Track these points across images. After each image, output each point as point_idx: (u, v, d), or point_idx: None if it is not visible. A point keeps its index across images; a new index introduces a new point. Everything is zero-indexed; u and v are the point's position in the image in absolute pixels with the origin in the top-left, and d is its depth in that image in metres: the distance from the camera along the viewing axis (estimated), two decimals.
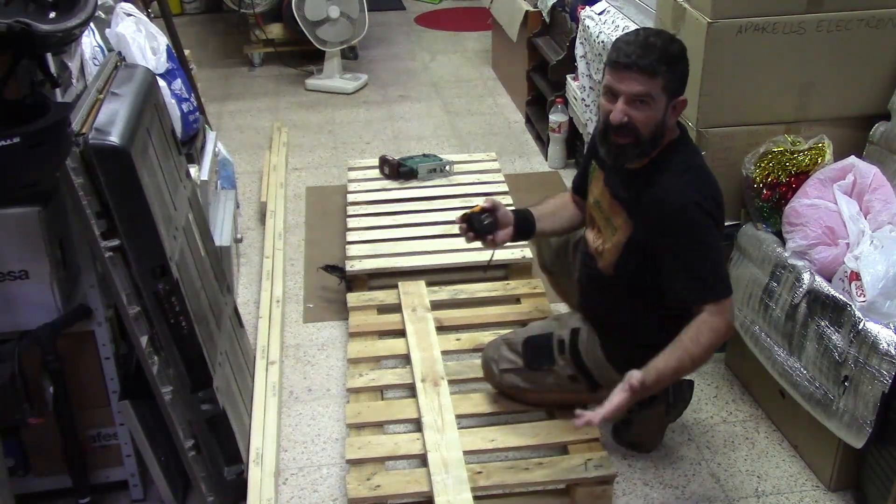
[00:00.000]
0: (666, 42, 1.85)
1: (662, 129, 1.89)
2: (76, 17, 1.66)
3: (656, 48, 1.82)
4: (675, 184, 1.88)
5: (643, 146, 1.89)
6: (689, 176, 1.90)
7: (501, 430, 2.17)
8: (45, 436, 1.97)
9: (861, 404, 1.90)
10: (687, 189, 1.87)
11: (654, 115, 1.86)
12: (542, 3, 3.90)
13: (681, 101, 1.89)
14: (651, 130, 1.87)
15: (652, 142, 1.90)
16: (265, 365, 2.44)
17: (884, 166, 2.23)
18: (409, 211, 3.13)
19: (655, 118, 1.86)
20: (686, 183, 1.88)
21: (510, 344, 2.22)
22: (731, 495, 2.14)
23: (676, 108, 1.89)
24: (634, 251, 1.95)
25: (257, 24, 4.94)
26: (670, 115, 1.89)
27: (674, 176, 1.89)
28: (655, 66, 1.81)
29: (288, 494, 2.15)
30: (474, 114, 4.43)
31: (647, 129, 1.87)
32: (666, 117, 1.88)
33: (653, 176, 1.92)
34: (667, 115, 1.88)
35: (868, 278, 1.95)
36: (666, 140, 1.92)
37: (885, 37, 2.31)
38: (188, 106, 2.69)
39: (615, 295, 2.04)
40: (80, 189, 1.70)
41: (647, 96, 1.83)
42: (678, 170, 1.90)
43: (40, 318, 1.83)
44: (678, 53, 1.86)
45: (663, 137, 1.91)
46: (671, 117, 1.89)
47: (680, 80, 1.88)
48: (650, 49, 1.82)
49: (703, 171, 1.94)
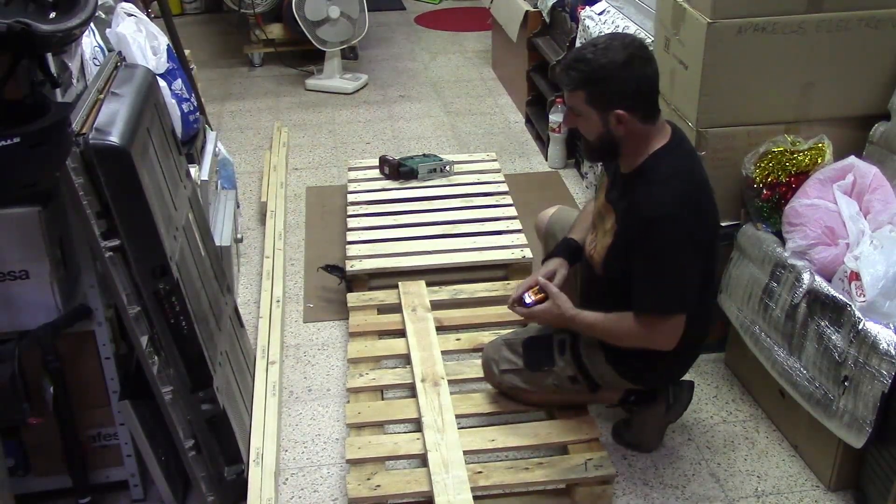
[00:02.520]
0: (598, 56, 1.82)
1: (612, 138, 1.89)
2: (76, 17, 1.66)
3: (582, 63, 1.84)
4: (653, 192, 1.88)
5: (597, 151, 1.96)
6: (669, 186, 1.88)
7: (501, 430, 2.17)
8: (45, 436, 1.98)
9: (861, 404, 1.90)
10: (663, 199, 1.86)
11: (592, 126, 1.89)
12: (542, 3, 3.91)
13: (618, 114, 1.85)
14: (598, 139, 1.91)
15: (606, 149, 1.93)
16: (265, 365, 2.45)
17: (884, 166, 2.23)
18: (409, 211, 3.13)
19: (596, 129, 1.89)
20: (664, 193, 1.87)
21: (510, 345, 2.22)
22: (731, 495, 2.14)
23: (622, 121, 1.86)
24: (618, 254, 1.97)
25: (257, 24, 4.94)
26: (615, 126, 1.87)
27: (654, 184, 1.89)
28: (573, 83, 1.86)
29: (288, 494, 2.15)
30: (474, 114, 4.43)
31: (592, 136, 1.92)
32: (609, 128, 1.87)
33: (637, 182, 1.93)
34: (608, 126, 1.87)
35: (868, 278, 1.95)
36: (651, 147, 1.91)
37: (885, 37, 2.30)
38: (188, 106, 2.68)
39: (610, 296, 2.04)
40: (81, 189, 1.70)
41: (575, 109, 1.89)
42: (660, 178, 1.89)
43: (40, 318, 1.83)
44: (605, 68, 1.82)
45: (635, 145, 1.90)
46: (618, 128, 1.87)
47: (609, 94, 1.84)
48: (577, 64, 1.85)
49: (687, 180, 1.90)
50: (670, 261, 1.88)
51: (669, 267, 1.88)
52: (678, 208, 1.86)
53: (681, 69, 2.42)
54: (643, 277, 1.91)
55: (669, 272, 1.89)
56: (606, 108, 1.86)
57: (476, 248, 2.89)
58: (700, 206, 1.90)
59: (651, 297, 1.91)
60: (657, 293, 1.90)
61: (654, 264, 1.89)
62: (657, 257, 1.88)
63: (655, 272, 1.89)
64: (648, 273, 1.90)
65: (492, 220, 3.05)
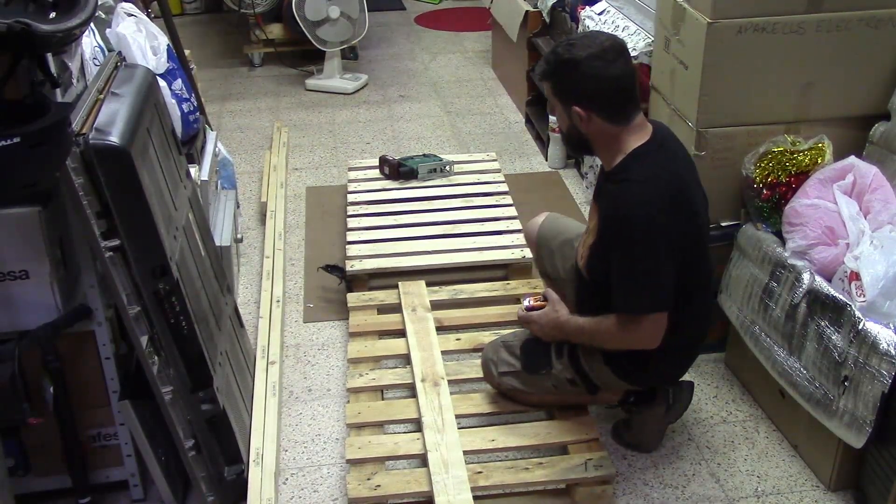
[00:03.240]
0: (565, 51, 1.87)
1: (579, 134, 1.93)
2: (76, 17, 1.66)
3: (553, 55, 1.91)
4: (626, 191, 1.89)
5: (568, 142, 2.05)
6: (641, 185, 1.88)
7: (501, 430, 2.17)
8: (45, 436, 1.97)
9: (861, 404, 1.90)
10: (634, 199, 1.87)
11: (561, 119, 1.97)
12: (542, 3, 3.90)
13: (576, 110, 1.88)
14: (567, 132, 1.98)
15: (575, 142, 1.99)
16: (265, 365, 2.45)
17: (884, 166, 2.23)
18: (409, 211, 3.13)
19: (565, 122, 1.96)
20: (635, 192, 1.87)
21: (508, 347, 2.22)
22: (731, 495, 2.14)
23: (582, 119, 1.89)
24: (599, 253, 1.98)
25: (257, 24, 4.94)
26: (579, 122, 1.90)
27: (627, 182, 1.89)
28: (541, 73, 1.96)
29: (288, 494, 2.15)
30: (474, 114, 4.43)
31: (563, 128, 2.00)
32: (574, 124, 1.92)
33: (613, 182, 1.94)
34: (573, 121, 1.92)
35: (868, 278, 1.95)
36: (628, 146, 1.91)
37: (885, 37, 2.30)
38: (188, 106, 2.68)
39: (597, 298, 2.03)
40: (81, 189, 1.70)
41: (549, 98, 1.98)
42: (633, 177, 1.89)
43: (40, 318, 1.83)
44: (567, 63, 1.86)
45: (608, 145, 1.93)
46: (583, 125, 1.90)
47: (567, 89, 1.90)
48: (549, 56, 1.92)
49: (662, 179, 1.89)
50: (641, 260, 1.88)
51: (640, 266, 1.88)
52: (648, 207, 1.86)
53: (681, 69, 2.42)
54: (617, 277, 1.92)
55: (641, 271, 1.89)
56: (567, 103, 1.91)
57: (476, 248, 2.89)
58: (674, 206, 1.89)
59: (624, 297, 1.91)
60: (630, 292, 1.90)
61: (625, 263, 1.90)
62: (628, 256, 1.89)
63: (627, 271, 1.90)
64: (621, 272, 1.91)
65: (492, 220, 3.05)
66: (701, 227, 2.00)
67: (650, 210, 1.85)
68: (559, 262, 2.34)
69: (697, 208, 1.96)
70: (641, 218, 1.85)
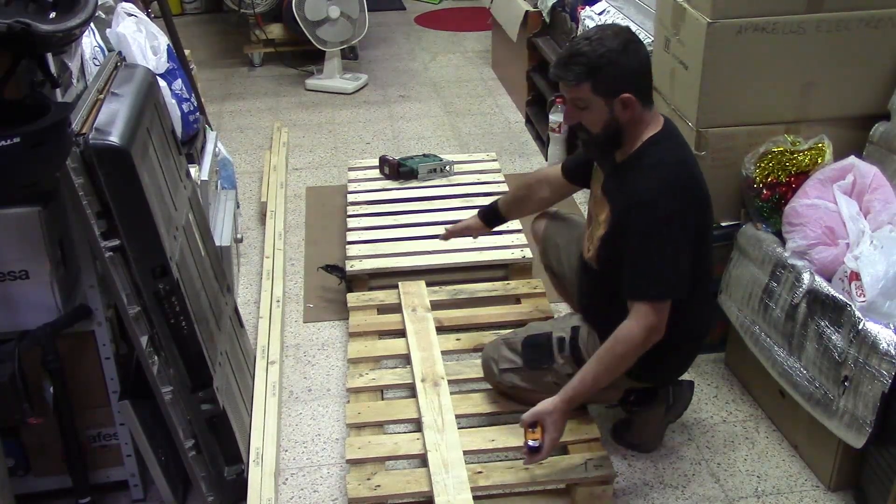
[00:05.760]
0: (596, 46, 1.84)
1: (618, 125, 1.90)
2: (76, 17, 1.66)
3: (582, 56, 1.85)
4: (643, 178, 1.89)
5: (602, 142, 1.95)
6: (659, 172, 1.89)
7: (501, 430, 2.17)
8: (45, 436, 1.98)
9: (861, 404, 1.90)
10: (652, 185, 1.88)
11: (597, 116, 1.90)
12: (542, 3, 3.91)
13: (624, 98, 1.87)
14: (603, 128, 1.91)
15: (611, 138, 1.93)
16: (265, 365, 2.45)
17: (884, 166, 2.23)
18: (409, 211, 3.13)
19: (602, 118, 1.90)
20: (653, 179, 1.89)
21: (509, 344, 2.22)
22: (731, 495, 2.14)
23: (627, 106, 1.88)
24: (612, 243, 1.97)
25: (257, 24, 4.94)
26: (621, 112, 1.88)
27: (645, 171, 1.90)
28: (575, 77, 1.86)
29: (288, 494, 2.15)
30: (474, 114, 4.43)
31: (597, 127, 1.91)
32: (615, 115, 1.89)
33: (628, 170, 1.94)
34: (614, 113, 1.89)
35: (868, 278, 1.95)
36: (645, 135, 1.92)
37: (885, 37, 2.30)
38: (188, 106, 2.68)
39: (605, 290, 2.03)
40: (80, 189, 1.70)
41: (580, 101, 1.89)
42: (651, 163, 1.90)
43: (40, 318, 1.83)
44: (605, 56, 1.84)
45: (634, 132, 1.92)
46: (624, 114, 1.89)
47: (613, 80, 1.86)
48: (574, 59, 1.86)
49: (677, 167, 1.92)
50: (656, 244, 1.88)
51: (659, 250, 1.88)
52: (668, 192, 1.87)
53: (681, 69, 2.42)
54: (632, 263, 1.90)
55: (660, 256, 1.88)
56: (613, 95, 1.87)
57: (476, 248, 2.89)
58: (691, 192, 1.91)
59: (641, 283, 1.90)
60: (648, 277, 1.89)
61: (643, 248, 1.89)
62: (646, 241, 1.88)
63: (644, 256, 1.89)
64: (636, 258, 1.89)
65: None
66: (708, 216, 2.02)
67: (668, 194, 1.87)
68: (564, 257, 2.35)
69: (707, 196, 1.98)
70: (660, 202, 1.86)
